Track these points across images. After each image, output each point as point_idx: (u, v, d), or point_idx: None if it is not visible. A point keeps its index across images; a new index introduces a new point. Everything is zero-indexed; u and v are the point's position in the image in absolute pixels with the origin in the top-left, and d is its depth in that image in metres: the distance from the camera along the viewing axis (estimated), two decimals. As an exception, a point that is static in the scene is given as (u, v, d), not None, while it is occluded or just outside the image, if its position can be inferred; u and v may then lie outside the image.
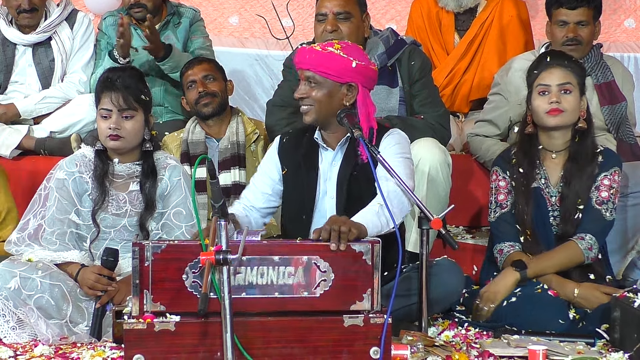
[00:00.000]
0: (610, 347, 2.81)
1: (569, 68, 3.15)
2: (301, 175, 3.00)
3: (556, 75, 3.13)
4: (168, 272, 2.49)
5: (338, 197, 2.95)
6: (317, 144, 3.01)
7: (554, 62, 3.14)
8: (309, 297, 2.52)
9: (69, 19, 4.24)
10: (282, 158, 3.06)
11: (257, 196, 3.05)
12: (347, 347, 2.51)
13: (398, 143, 2.95)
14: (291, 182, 3.03)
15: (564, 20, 3.79)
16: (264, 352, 2.49)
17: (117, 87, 3.03)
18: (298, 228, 2.95)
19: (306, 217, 2.98)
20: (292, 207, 3.04)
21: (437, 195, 3.23)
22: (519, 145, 3.22)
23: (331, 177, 2.98)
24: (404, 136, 3.01)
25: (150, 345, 2.46)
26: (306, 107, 2.92)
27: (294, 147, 3.05)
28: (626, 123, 3.86)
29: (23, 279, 2.84)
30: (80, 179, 3.09)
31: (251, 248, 2.50)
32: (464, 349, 2.76)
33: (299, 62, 2.94)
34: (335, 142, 2.98)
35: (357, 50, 2.96)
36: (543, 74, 3.15)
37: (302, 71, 2.92)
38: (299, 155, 3.02)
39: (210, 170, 2.39)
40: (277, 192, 3.07)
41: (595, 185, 3.15)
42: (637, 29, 5.27)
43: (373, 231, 2.64)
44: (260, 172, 3.11)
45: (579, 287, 3.04)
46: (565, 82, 3.12)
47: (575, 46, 3.79)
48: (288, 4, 5.15)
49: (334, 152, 2.98)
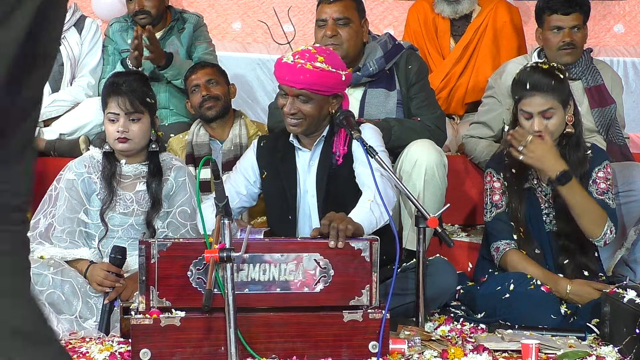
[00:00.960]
0: (601, 341, 2.83)
1: (549, 92, 3.10)
2: (280, 178, 3.05)
3: (537, 102, 3.11)
4: (173, 269, 2.54)
5: (318, 195, 3.00)
6: (292, 146, 3.07)
7: (534, 90, 3.10)
8: (309, 292, 2.56)
9: (78, 25, 4.27)
10: (260, 161, 3.11)
11: (231, 195, 3.05)
12: (346, 342, 2.56)
13: (375, 137, 3.00)
14: (271, 184, 3.08)
15: (558, 26, 3.82)
16: (266, 347, 2.54)
17: (123, 91, 3.07)
18: (285, 228, 3.02)
19: (292, 217, 3.03)
20: (276, 209, 3.09)
21: (433, 194, 3.25)
22: (510, 147, 3.22)
23: (310, 176, 3.03)
24: (377, 130, 3.07)
25: (156, 340, 2.50)
26: (297, 121, 2.95)
27: (271, 150, 3.10)
28: (616, 125, 3.90)
29: (35, 275, 2.87)
30: (89, 180, 3.14)
31: (253, 245, 2.55)
32: (460, 343, 2.78)
33: (290, 81, 2.89)
34: (310, 142, 3.04)
35: (338, 59, 3.00)
36: (524, 100, 3.13)
37: (292, 89, 2.91)
38: (276, 158, 3.08)
39: (214, 171, 2.43)
40: (251, 194, 3.13)
41: (592, 179, 3.19)
42: (626, 34, 5.29)
43: (369, 228, 2.70)
44: (236, 172, 3.15)
45: (572, 284, 3.07)
46: (547, 109, 3.11)
47: (571, 50, 3.83)
48: (289, 10, 5.17)
49: (310, 152, 3.04)
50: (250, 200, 3.17)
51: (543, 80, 3.11)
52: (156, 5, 4.27)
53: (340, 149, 3.00)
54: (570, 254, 3.18)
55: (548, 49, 3.88)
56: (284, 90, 2.96)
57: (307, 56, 2.91)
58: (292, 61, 2.91)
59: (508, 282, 3.06)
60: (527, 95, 3.12)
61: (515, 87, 3.19)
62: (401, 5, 5.20)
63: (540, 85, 3.11)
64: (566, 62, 3.84)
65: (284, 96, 2.98)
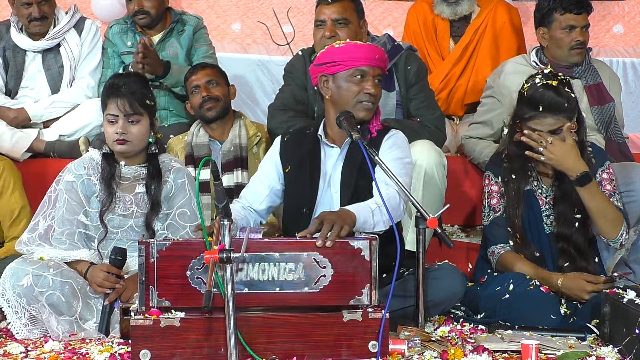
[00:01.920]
0: (600, 341, 2.84)
1: (561, 113, 3.09)
2: (304, 169, 3.04)
3: (548, 122, 3.09)
4: (173, 269, 2.54)
5: (342, 192, 2.98)
6: (319, 141, 3.06)
7: (546, 112, 3.08)
8: (309, 292, 2.56)
9: (77, 27, 4.28)
10: (284, 156, 3.09)
11: (255, 197, 3.09)
12: (346, 342, 2.56)
13: (399, 147, 3.00)
14: (294, 177, 3.06)
15: (572, 25, 3.81)
16: (265, 347, 2.54)
17: (122, 93, 3.07)
18: (299, 221, 2.98)
19: (307, 210, 3.01)
20: (293, 201, 3.07)
21: (433, 195, 3.26)
22: (510, 150, 3.24)
23: (335, 172, 3.02)
24: (403, 138, 3.05)
25: (156, 340, 2.51)
26: (373, 105, 2.99)
27: (296, 144, 3.09)
28: (615, 123, 3.91)
29: (35, 276, 2.89)
30: (88, 182, 3.14)
31: (252, 245, 2.55)
32: (459, 344, 2.79)
33: (379, 60, 2.97)
34: (339, 138, 3.03)
35: None
36: (535, 120, 3.10)
37: (376, 69, 2.97)
38: (302, 150, 3.06)
39: (214, 172, 2.43)
40: (275, 192, 3.11)
41: (597, 181, 3.19)
42: (625, 35, 5.30)
43: (362, 225, 2.70)
44: (259, 173, 3.15)
45: (563, 278, 3.07)
46: (557, 128, 3.10)
47: (581, 50, 3.84)
48: (289, 11, 5.18)
49: (339, 149, 3.03)
50: (276, 199, 3.14)
51: (555, 100, 3.08)
52: (156, 5, 4.28)
53: (373, 130, 3.02)
54: (571, 256, 3.18)
55: (558, 49, 3.87)
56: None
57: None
58: (373, 46, 3.03)
59: (507, 282, 3.06)
60: (539, 116, 3.10)
61: (524, 104, 3.14)
62: (400, 6, 5.20)
63: (553, 107, 3.08)
64: (576, 61, 3.86)
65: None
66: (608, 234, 3.13)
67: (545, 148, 3.07)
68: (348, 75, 2.96)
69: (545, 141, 3.06)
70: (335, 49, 2.98)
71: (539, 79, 3.16)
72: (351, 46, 2.98)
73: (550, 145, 3.07)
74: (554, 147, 3.07)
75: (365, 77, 2.96)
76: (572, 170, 3.07)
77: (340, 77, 2.97)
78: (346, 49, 2.97)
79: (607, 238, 3.15)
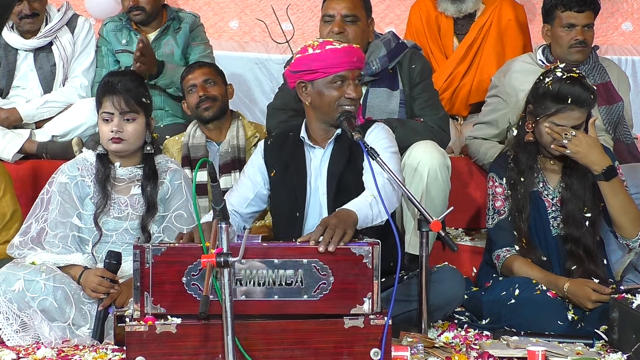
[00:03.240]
0: (609, 348, 2.82)
1: (586, 107, 3.07)
2: (290, 174, 3.02)
3: (574, 116, 3.07)
4: (168, 275, 2.51)
5: (329, 192, 2.97)
6: (302, 142, 3.04)
7: (574, 105, 3.04)
8: (309, 300, 2.53)
9: (70, 24, 4.26)
10: (269, 160, 3.07)
11: (240, 201, 3.06)
12: (347, 349, 2.52)
13: (385, 137, 2.98)
14: (280, 182, 3.04)
15: (572, 23, 3.79)
16: (264, 355, 2.50)
17: (118, 90, 3.05)
18: (291, 226, 2.97)
19: (300, 214, 2.99)
20: (284, 206, 3.05)
21: (436, 197, 3.23)
22: (517, 151, 3.21)
23: (321, 173, 3.00)
24: (387, 129, 3.05)
25: (151, 347, 2.47)
26: (355, 107, 2.96)
27: (280, 147, 3.08)
28: (623, 123, 3.89)
29: (27, 281, 2.87)
30: (82, 183, 3.11)
31: (251, 251, 2.51)
32: (464, 351, 2.77)
33: (357, 61, 2.94)
34: (322, 139, 3.01)
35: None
36: (561, 114, 3.07)
37: (355, 71, 2.94)
38: (286, 154, 3.05)
39: (211, 174, 2.39)
40: (260, 197, 3.09)
41: None
42: (634, 32, 5.27)
43: (363, 221, 2.66)
44: (244, 177, 3.13)
45: (569, 283, 3.04)
46: (580, 123, 3.09)
47: (581, 48, 3.81)
48: (288, 8, 5.15)
49: (322, 150, 3.01)
50: (260, 203, 3.12)
51: (584, 94, 3.06)
52: (151, 1, 4.26)
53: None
54: (579, 259, 3.14)
55: (558, 47, 3.86)
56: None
57: (337, 42, 3.00)
58: (349, 47, 2.98)
59: (513, 287, 3.03)
60: (567, 109, 3.06)
61: (548, 98, 3.09)
62: (403, 3, 5.18)
63: (582, 100, 3.06)
64: (576, 60, 3.83)
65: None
66: (628, 232, 3.09)
67: (570, 141, 3.03)
68: (327, 82, 2.93)
69: (570, 134, 3.02)
70: (312, 56, 2.92)
71: (560, 72, 3.12)
72: (328, 53, 2.91)
73: (575, 138, 3.03)
74: (579, 139, 3.04)
75: (346, 81, 2.93)
76: (597, 164, 3.03)
77: (319, 84, 2.94)
78: (323, 55, 2.91)
79: (626, 237, 3.11)
